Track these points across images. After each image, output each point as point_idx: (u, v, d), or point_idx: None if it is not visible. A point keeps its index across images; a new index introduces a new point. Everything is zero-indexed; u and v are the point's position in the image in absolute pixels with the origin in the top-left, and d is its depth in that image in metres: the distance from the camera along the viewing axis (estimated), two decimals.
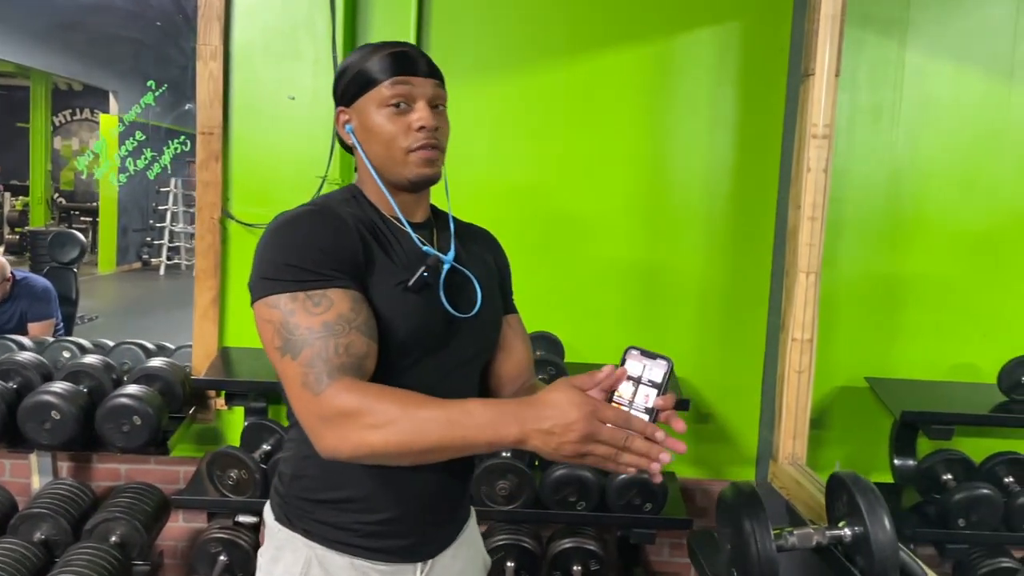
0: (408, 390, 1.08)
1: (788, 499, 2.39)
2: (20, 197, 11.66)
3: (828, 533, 1.29)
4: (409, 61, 1.23)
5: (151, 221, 10.77)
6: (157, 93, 2.44)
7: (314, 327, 1.08)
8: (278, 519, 1.26)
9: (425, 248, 1.25)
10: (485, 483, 2.43)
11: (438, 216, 1.39)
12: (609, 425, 0.96)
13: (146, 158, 2.66)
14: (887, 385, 2.68)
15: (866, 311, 2.77)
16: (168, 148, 2.61)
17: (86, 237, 11.37)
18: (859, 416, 2.79)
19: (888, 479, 2.72)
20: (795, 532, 1.31)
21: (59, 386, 2.39)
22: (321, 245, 1.13)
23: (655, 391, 1.02)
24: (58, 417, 2.32)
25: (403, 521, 1.23)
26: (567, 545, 2.49)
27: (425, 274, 1.20)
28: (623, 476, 2.41)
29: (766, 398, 2.77)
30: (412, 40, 2.68)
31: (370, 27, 2.72)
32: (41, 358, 2.63)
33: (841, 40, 2.42)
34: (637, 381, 1.03)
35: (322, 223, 1.16)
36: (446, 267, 1.26)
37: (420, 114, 1.21)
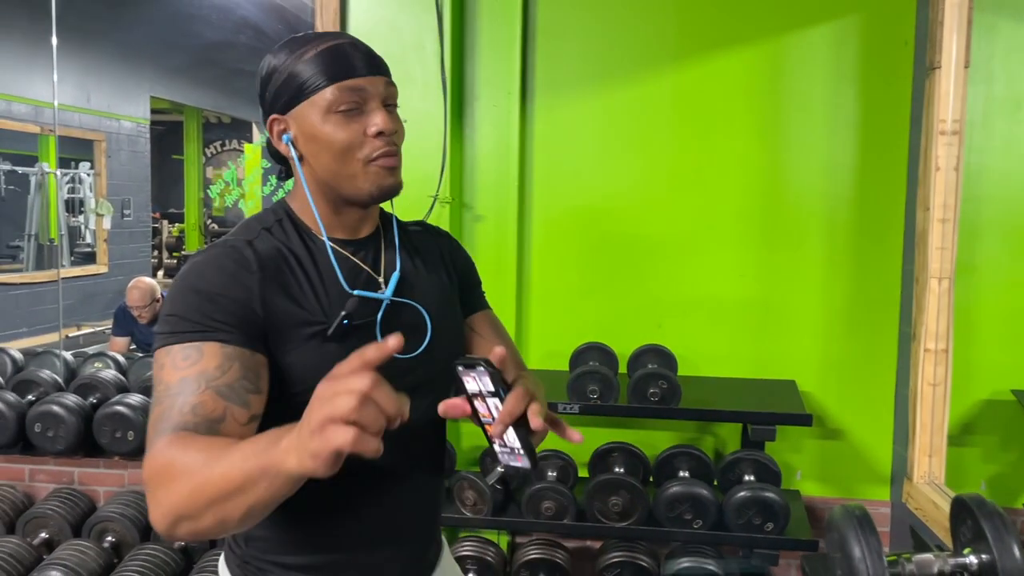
0: (228, 439, 0.90)
1: (924, 522, 2.23)
2: (176, 224, 12.61)
3: (951, 561, 1.19)
4: (350, 60, 1.05)
5: None
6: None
7: (172, 384, 0.94)
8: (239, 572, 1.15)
9: (356, 292, 1.08)
10: (597, 499, 2.40)
11: (387, 227, 1.20)
12: (341, 377, 0.77)
13: (271, 184, 2.81)
14: None
15: (1011, 318, 2.55)
16: None
17: None
18: (1007, 432, 2.58)
19: None
20: (913, 559, 1.21)
21: None
22: (211, 293, 1.00)
23: (497, 399, 0.92)
24: None
25: None
26: (685, 564, 2.42)
27: (345, 322, 1.03)
28: (740, 494, 2.32)
29: (899, 412, 2.60)
30: (518, 56, 2.70)
31: (477, 46, 2.76)
32: None
33: (970, 29, 2.25)
34: (481, 396, 0.93)
35: (220, 269, 1.02)
36: (385, 302, 1.11)
37: (376, 118, 1.05)
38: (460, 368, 0.94)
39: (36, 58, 6.78)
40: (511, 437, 0.92)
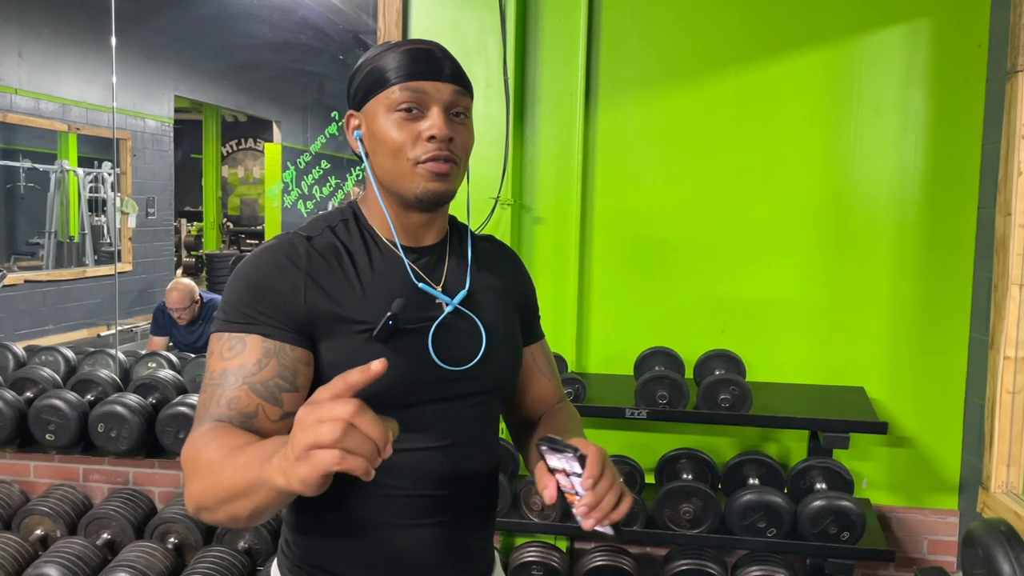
0: (252, 436, 0.94)
1: None
2: (195, 223, 12.61)
3: None
4: (426, 61, 1.07)
5: None
6: (340, 123, 2.59)
7: (215, 373, 1.00)
8: None
9: (421, 285, 1.10)
10: (668, 506, 2.37)
11: (457, 237, 1.21)
12: (326, 401, 0.75)
13: (330, 185, 2.81)
14: None
15: None
16: (351, 176, 2.75)
17: None
18: None
19: None
20: None
21: None
22: (258, 286, 1.03)
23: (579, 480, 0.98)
24: None
25: None
26: (756, 574, 2.39)
27: (390, 323, 1.03)
28: (815, 503, 2.28)
29: (970, 420, 2.57)
30: (581, 58, 2.68)
31: (540, 47, 2.74)
32: None
33: None
34: (565, 473, 0.99)
35: (270, 261, 1.05)
36: (448, 309, 1.12)
37: (432, 122, 1.05)
38: (545, 448, 0.98)
39: (63, 56, 6.77)
40: None
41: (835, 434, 2.35)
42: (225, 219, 12.95)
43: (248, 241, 12.58)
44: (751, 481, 2.46)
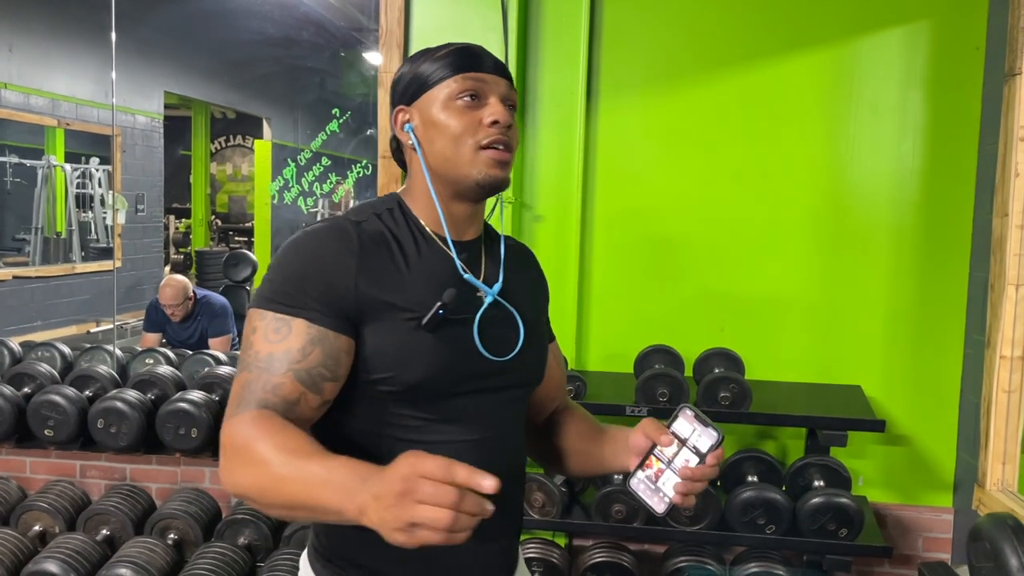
0: (304, 435, 0.95)
1: None
2: (183, 220, 12.53)
3: None
4: (478, 57, 1.12)
5: None
6: (341, 120, 2.58)
7: (260, 354, 1.01)
8: (322, 570, 1.16)
9: (467, 276, 1.12)
10: None
11: (490, 236, 1.24)
12: (430, 482, 0.78)
13: (331, 182, 2.80)
14: None
15: None
16: (351, 173, 2.74)
17: None
18: None
19: None
20: None
21: None
22: (308, 269, 1.04)
23: (697, 459, 0.98)
24: None
25: None
26: (753, 570, 2.41)
27: (440, 312, 1.05)
28: (814, 500, 2.31)
29: (965, 419, 2.60)
30: (582, 57, 2.70)
31: (541, 46, 2.75)
32: (234, 371, 2.79)
33: None
34: (682, 443, 0.99)
35: (321, 245, 1.06)
36: (488, 300, 1.14)
37: (494, 109, 1.09)
38: (690, 412, 0.99)
39: (54, 51, 6.72)
40: (669, 484, 0.99)
41: (833, 432, 2.37)
42: (213, 216, 12.90)
43: (237, 238, 12.53)
44: (750, 478, 2.47)
